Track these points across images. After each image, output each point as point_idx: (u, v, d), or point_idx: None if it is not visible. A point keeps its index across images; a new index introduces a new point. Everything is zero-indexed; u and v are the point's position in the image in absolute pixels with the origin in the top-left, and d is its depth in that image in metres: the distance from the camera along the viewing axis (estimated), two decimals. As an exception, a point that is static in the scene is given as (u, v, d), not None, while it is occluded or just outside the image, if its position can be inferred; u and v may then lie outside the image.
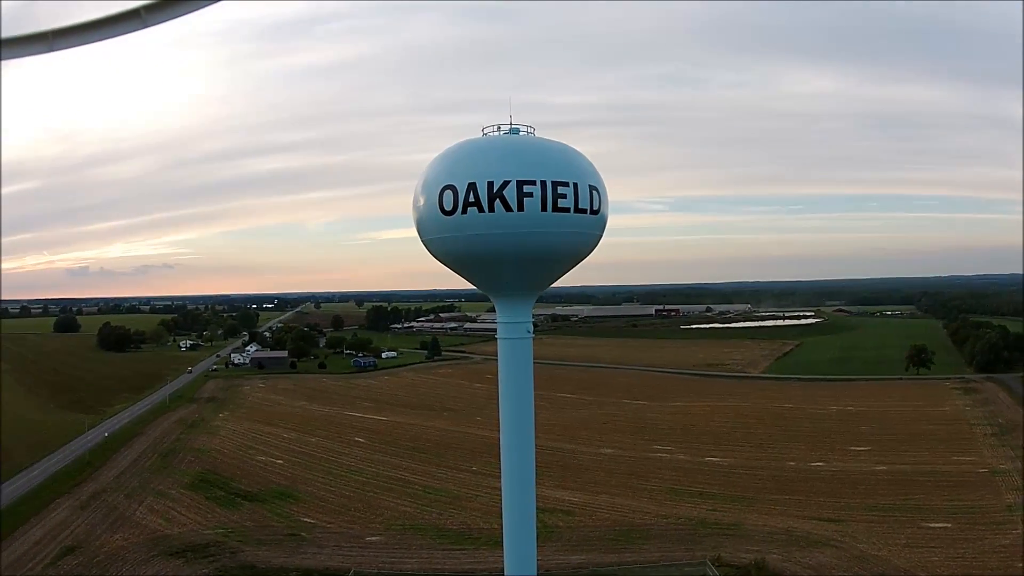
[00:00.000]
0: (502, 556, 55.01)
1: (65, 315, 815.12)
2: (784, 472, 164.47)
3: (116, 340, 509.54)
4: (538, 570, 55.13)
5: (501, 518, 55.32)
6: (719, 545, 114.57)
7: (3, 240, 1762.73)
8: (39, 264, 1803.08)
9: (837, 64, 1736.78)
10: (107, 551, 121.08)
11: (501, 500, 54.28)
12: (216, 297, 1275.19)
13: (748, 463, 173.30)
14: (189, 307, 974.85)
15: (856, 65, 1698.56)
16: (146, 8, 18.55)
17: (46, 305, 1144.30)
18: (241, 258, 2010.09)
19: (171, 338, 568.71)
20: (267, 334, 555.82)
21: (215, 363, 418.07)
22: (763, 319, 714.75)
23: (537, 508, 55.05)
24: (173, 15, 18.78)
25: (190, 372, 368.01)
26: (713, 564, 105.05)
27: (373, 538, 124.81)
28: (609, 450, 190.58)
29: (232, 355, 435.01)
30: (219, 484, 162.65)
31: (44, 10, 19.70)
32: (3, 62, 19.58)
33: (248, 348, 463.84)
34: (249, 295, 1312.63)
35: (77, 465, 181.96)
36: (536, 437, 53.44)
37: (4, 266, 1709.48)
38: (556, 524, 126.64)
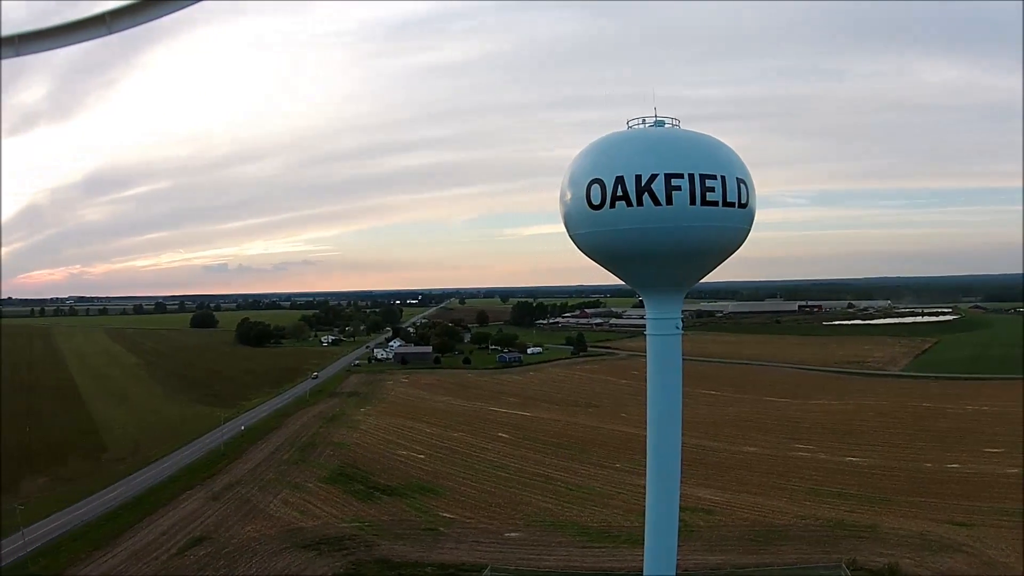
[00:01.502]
0: (642, 555, 54.44)
1: (202, 311, 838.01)
2: (920, 473, 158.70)
3: (255, 335, 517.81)
4: (677, 570, 54.55)
5: (643, 516, 54.79)
6: (855, 548, 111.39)
7: (137, 239, 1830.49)
8: (174, 262, 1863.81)
9: (975, 53, 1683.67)
10: (237, 542, 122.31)
11: (644, 498, 53.75)
12: (359, 293, 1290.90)
13: (886, 463, 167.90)
14: (331, 303, 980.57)
15: (994, 54, 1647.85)
16: (111, 14, 19.15)
17: (182, 301, 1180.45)
18: (383, 254, 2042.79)
19: (312, 333, 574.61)
20: (411, 329, 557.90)
21: (357, 358, 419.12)
22: (902, 315, 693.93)
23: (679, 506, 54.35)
24: (137, 22, 19.28)
25: (315, 377, 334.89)
26: (848, 567, 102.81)
27: (512, 534, 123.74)
28: (751, 448, 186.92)
29: (375, 350, 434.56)
30: (358, 478, 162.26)
31: (10, 15, 20.21)
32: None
33: (391, 343, 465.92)
34: (392, 291, 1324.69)
35: (211, 458, 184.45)
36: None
37: (138, 263, 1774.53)
38: (696, 523, 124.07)
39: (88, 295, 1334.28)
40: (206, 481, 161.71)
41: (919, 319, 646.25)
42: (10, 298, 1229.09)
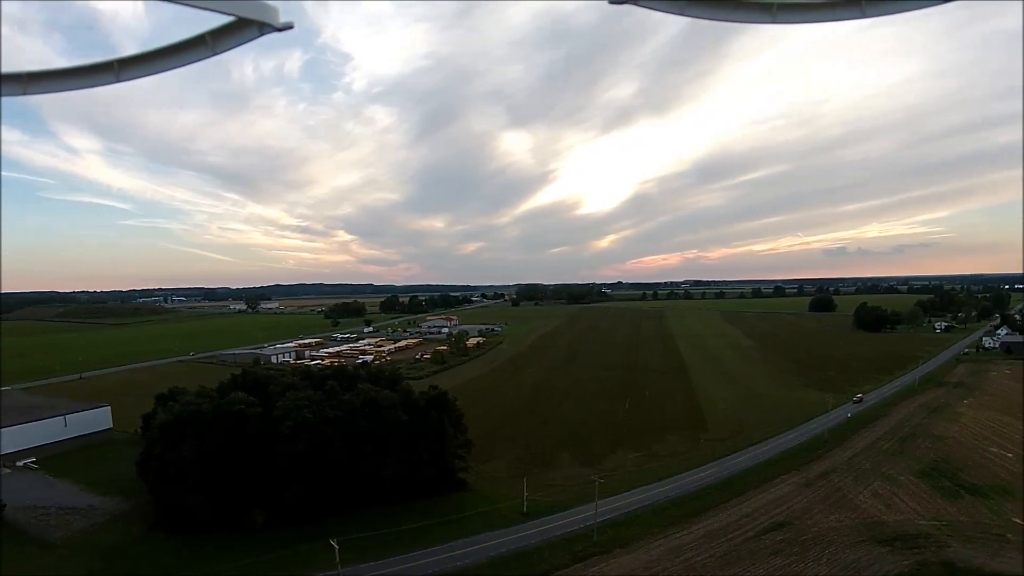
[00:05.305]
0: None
1: (821, 295, 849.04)
2: None
3: (872, 320, 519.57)
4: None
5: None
6: None
7: (754, 223, 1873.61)
8: (793, 246, 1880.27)
9: None
10: (816, 531, 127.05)
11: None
12: (974, 277, 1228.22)
13: None
14: (945, 287, 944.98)
15: None
16: (120, 62, 20.15)
17: (801, 286, 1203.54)
18: (996, 235, 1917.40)
19: (926, 319, 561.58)
20: (1017, 317, 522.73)
21: (967, 346, 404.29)
22: None
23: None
24: (145, 72, 20.27)
25: (859, 400, 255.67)
26: None
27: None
28: None
29: (983, 338, 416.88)
30: (948, 474, 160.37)
31: (17, 52, 23.65)
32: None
33: (999, 331, 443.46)
34: (1004, 275, 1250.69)
35: (812, 444, 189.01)
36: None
37: (756, 248, 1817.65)
38: None
39: (704, 279, 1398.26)
40: (802, 467, 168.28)
41: None
42: (620, 282, 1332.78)
